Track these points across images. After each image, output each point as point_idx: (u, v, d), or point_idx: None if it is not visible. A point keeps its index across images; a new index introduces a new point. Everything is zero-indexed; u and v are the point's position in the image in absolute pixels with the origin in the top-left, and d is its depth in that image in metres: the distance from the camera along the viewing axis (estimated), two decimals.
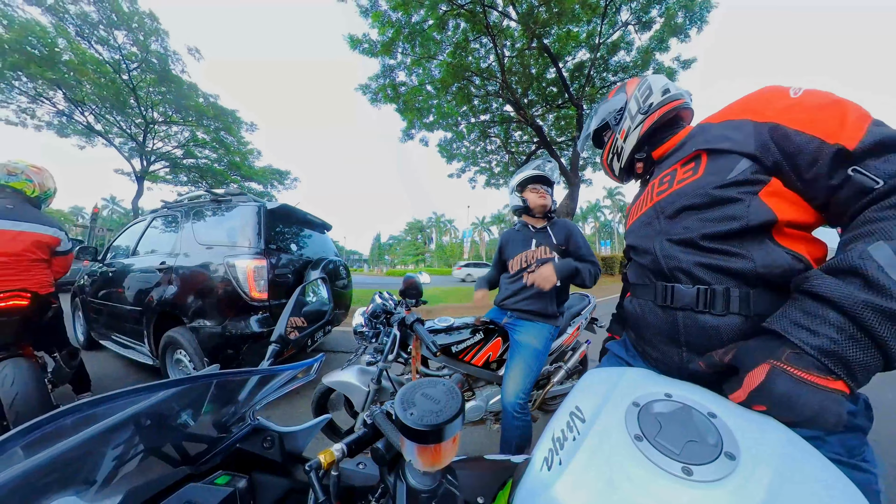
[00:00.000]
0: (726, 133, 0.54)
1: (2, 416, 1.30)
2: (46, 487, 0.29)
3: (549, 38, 7.37)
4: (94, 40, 10.62)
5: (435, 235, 58.44)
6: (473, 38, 7.31)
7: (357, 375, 1.23)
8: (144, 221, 2.61)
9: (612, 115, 0.79)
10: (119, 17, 10.55)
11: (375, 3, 6.69)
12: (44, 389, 1.40)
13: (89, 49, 10.56)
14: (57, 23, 9.75)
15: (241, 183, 15.42)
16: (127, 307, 2.27)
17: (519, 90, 8.28)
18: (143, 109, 12.47)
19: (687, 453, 0.33)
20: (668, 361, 0.60)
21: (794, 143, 0.46)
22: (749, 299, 0.50)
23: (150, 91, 12.28)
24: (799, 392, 0.37)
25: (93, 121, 12.10)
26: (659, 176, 0.67)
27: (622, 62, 8.08)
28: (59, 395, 1.67)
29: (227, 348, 1.87)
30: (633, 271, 0.73)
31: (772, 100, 0.51)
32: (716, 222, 0.52)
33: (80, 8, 10.03)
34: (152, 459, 0.41)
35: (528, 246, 1.36)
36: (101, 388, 2.16)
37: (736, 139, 0.52)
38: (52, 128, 11.61)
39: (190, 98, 12.79)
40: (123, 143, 13.22)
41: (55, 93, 10.61)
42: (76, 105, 11.21)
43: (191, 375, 0.41)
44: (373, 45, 7.21)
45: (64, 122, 11.62)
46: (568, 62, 8.27)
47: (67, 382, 1.74)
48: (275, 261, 2.05)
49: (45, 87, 10.25)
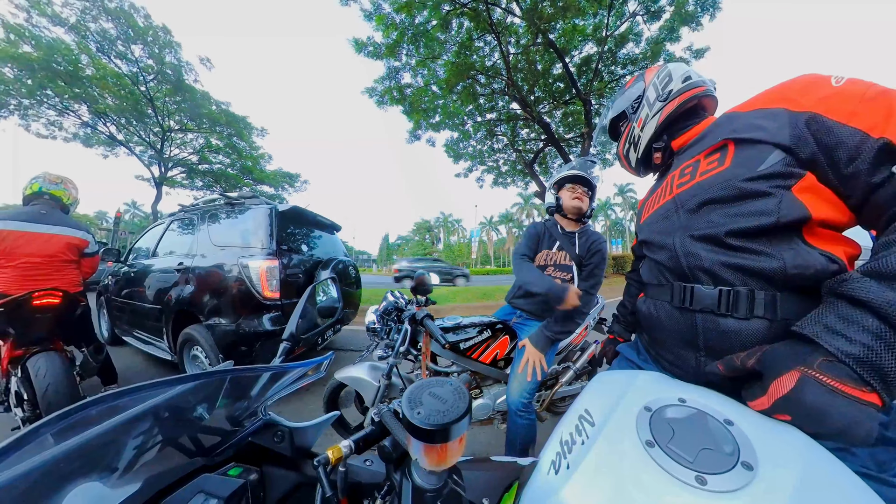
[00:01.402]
0: (757, 122, 0.50)
1: (35, 405, 1.40)
2: (73, 472, 0.31)
3: (555, 32, 7.24)
4: (114, 55, 11.15)
5: (443, 235, 58.51)
6: (477, 36, 7.26)
7: (368, 371, 1.25)
8: (163, 224, 2.73)
9: (629, 103, 0.75)
10: (135, 32, 11.04)
11: (379, 6, 6.73)
12: (72, 381, 1.49)
13: (109, 63, 11.08)
14: (79, 40, 10.29)
15: (254, 186, 15.83)
16: (147, 305, 2.38)
17: (525, 87, 8.18)
18: (160, 118, 12.99)
19: (701, 461, 0.32)
20: (683, 366, 0.57)
21: (833, 136, 0.42)
22: (776, 302, 0.46)
23: (166, 101, 12.78)
24: (830, 403, 0.34)
25: (115, 131, 12.67)
26: (679, 167, 0.63)
27: (631, 54, 7.83)
28: (87, 386, 1.76)
29: (241, 345, 1.93)
30: (647, 269, 0.70)
31: (810, 88, 0.47)
32: (743, 217, 0.48)
33: (100, 25, 10.56)
34: (169, 449, 0.43)
35: (552, 246, 1.32)
36: (124, 380, 2.27)
37: (768, 128, 0.48)
38: (78, 139, 12.20)
39: (203, 106, 13.24)
40: (143, 151, 13.79)
41: (80, 106, 11.18)
42: (99, 117, 11.78)
43: (206, 371, 0.43)
44: (377, 47, 7.25)
45: (89, 133, 12.20)
46: (574, 57, 8.10)
47: (95, 375, 1.85)
48: (286, 261, 2.11)
49: (70, 101, 10.81)
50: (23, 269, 1.57)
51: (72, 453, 0.30)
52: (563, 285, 1.11)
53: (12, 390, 1.49)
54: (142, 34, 11.20)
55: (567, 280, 1.27)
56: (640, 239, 0.74)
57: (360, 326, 4.21)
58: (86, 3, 10.14)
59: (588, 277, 1.26)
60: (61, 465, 0.29)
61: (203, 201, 2.56)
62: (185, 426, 0.46)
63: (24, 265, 1.57)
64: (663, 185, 0.68)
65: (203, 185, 15.73)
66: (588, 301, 1.22)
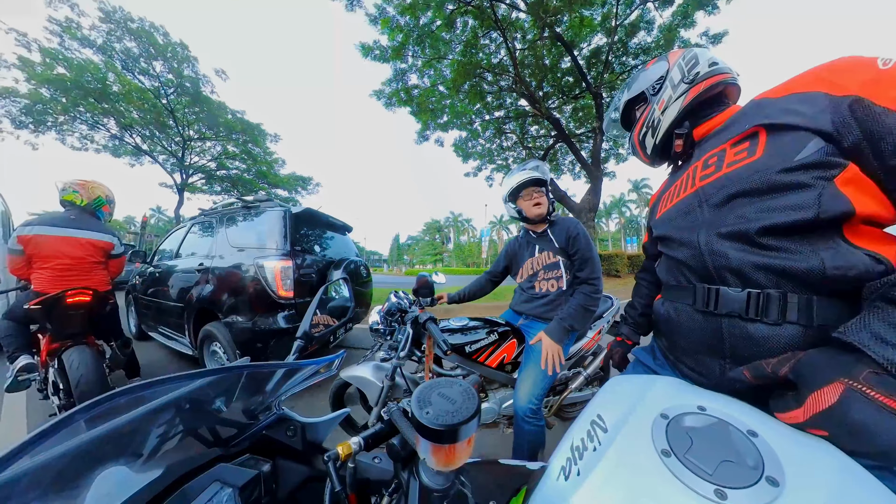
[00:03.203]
0: (793, 107, 0.46)
1: (69, 394, 1.51)
2: (103, 456, 0.34)
3: (562, 25, 7.10)
4: (137, 71, 11.84)
5: (453, 235, 58.51)
6: (483, 33, 7.21)
7: (372, 371, 1.25)
8: (185, 227, 2.86)
9: (650, 84, 0.69)
10: (156, 49, 11.69)
11: (383, 10, 6.80)
12: (103, 373, 1.61)
13: (133, 79, 11.78)
14: (106, 59, 11.01)
15: (269, 190, 16.35)
16: (171, 303, 2.51)
17: (533, 83, 8.07)
18: (181, 129, 13.66)
19: (721, 474, 0.30)
20: (706, 374, 0.53)
21: (880, 123, 0.39)
22: (812, 306, 0.43)
23: (185, 112, 13.43)
24: (879, 421, 0.31)
25: (140, 142, 13.45)
26: (703, 157, 0.59)
27: (643, 43, 7.56)
28: (113, 378, 1.87)
29: (257, 342, 2.00)
30: (665, 269, 0.66)
31: (854, 70, 0.43)
32: (778, 212, 0.44)
33: (124, 44, 11.26)
34: (189, 439, 0.45)
35: (533, 252, 1.33)
36: (149, 373, 2.40)
37: (806, 114, 0.44)
38: (107, 150, 13.03)
39: (220, 115, 13.81)
40: (166, 159, 14.55)
41: (108, 120, 11.93)
42: (126, 129, 12.52)
43: (225, 366, 0.45)
44: (383, 51, 7.33)
45: (117, 144, 13.02)
46: (583, 49, 7.91)
47: (122, 368, 1.97)
48: (300, 261, 2.17)
49: (100, 116, 11.56)
50: (57, 269, 1.69)
51: (102, 439, 0.32)
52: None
53: (50, 380, 1.63)
54: (162, 51, 11.85)
55: (559, 278, 1.27)
56: (656, 235, 0.69)
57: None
58: (111, 25, 10.86)
59: (583, 265, 1.20)
60: (92, 449, 0.32)
61: (221, 205, 2.67)
62: (204, 418, 0.49)
63: (58, 266, 1.69)
64: (683, 177, 0.64)
65: (221, 190, 16.45)
66: (595, 293, 1.18)
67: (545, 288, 1.30)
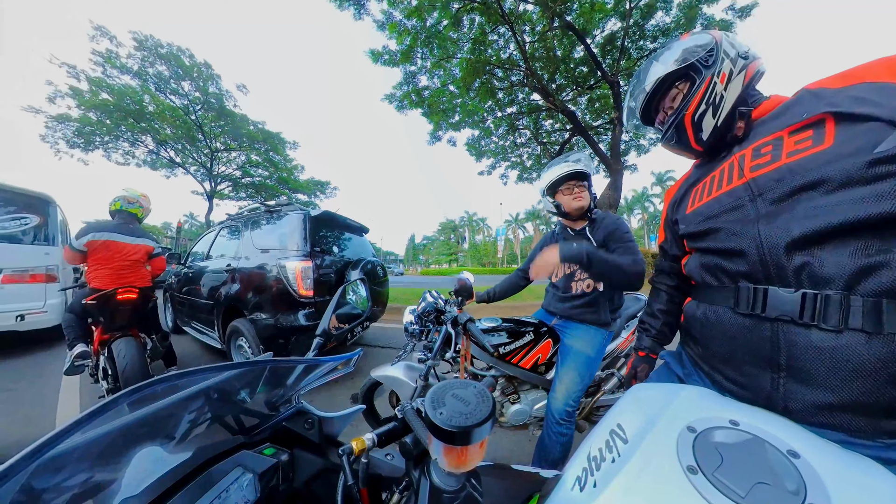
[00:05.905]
0: (865, 96, 0.43)
1: (116, 380, 1.69)
2: (141, 436, 0.37)
3: (572, 14, 6.85)
4: (168, 91, 12.89)
5: (468, 234, 58.28)
6: (490, 29, 7.13)
7: (405, 371, 1.25)
8: (214, 231, 3.09)
9: (698, 52, 0.60)
10: (183, 71, 12.69)
11: (390, 15, 6.88)
12: (145, 362, 1.79)
13: (165, 99, 12.83)
14: (142, 83, 12.15)
15: (290, 194, 17.16)
16: (202, 301, 2.71)
17: (545, 76, 7.86)
18: (209, 141, 14.68)
19: (755, 498, 0.27)
20: (751, 387, 0.48)
21: None
22: (881, 311, 0.38)
23: (212, 126, 14.41)
24: None
25: (173, 155, 14.62)
26: (751, 146, 0.54)
27: (661, 24, 7.06)
28: (153, 367, 2.08)
29: (279, 338, 2.11)
30: (697, 267, 0.61)
31: None
32: (857, 205, 0.40)
33: (156, 68, 12.40)
34: (216, 426, 0.48)
35: None
36: (183, 364, 2.62)
37: (883, 104, 0.41)
38: (146, 164, 14.30)
39: (242, 127, 14.69)
40: (196, 170, 15.70)
41: (146, 137, 13.09)
42: (161, 144, 13.68)
43: (250, 360, 0.48)
44: (392, 55, 7.42)
45: (154, 158, 14.27)
46: (596, 36, 7.60)
47: (160, 358, 2.18)
48: (319, 262, 2.27)
49: (139, 134, 12.74)
50: (115, 270, 1.95)
51: (141, 421, 0.36)
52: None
53: (100, 366, 1.85)
54: (189, 71, 12.82)
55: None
56: (688, 231, 0.63)
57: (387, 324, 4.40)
58: (144, 52, 11.96)
59: (625, 253, 1.09)
60: (133, 430, 0.35)
61: (247, 210, 2.86)
62: (230, 407, 0.52)
63: (116, 267, 1.96)
64: (723, 166, 0.58)
65: (246, 196, 17.48)
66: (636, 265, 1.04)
67: (581, 288, 1.23)
